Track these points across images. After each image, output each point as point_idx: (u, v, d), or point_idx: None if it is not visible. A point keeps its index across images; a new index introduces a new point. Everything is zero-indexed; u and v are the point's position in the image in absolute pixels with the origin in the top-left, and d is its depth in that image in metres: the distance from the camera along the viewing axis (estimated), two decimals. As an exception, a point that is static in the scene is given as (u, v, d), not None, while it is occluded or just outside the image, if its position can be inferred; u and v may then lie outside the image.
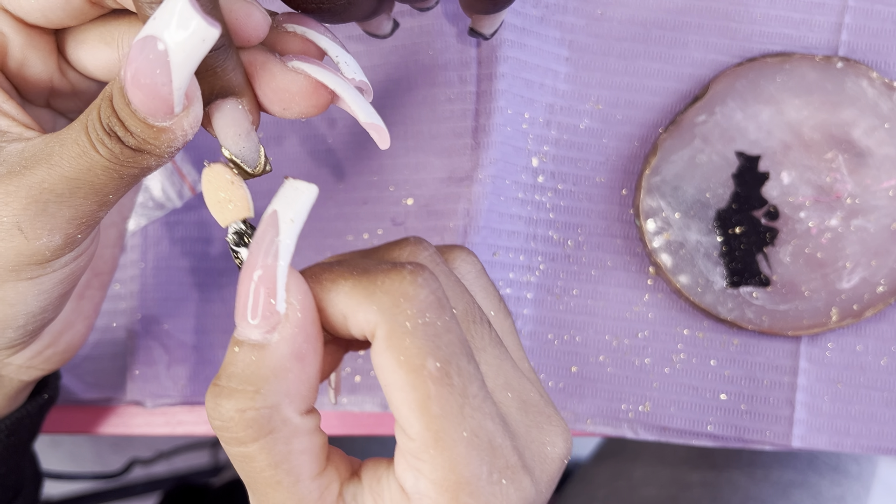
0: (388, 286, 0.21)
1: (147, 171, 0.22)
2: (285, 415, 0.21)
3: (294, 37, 0.23)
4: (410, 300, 0.21)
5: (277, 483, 0.21)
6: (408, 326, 0.21)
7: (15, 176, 0.22)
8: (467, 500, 0.21)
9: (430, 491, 0.21)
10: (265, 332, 0.21)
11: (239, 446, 0.21)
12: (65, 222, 0.22)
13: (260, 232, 0.20)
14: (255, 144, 0.23)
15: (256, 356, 0.21)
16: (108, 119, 0.21)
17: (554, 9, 0.38)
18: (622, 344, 0.39)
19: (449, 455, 0.21)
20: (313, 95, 0.22)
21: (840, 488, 0.54)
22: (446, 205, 0.39)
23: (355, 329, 0.22)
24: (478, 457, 0.21)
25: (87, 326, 0.32)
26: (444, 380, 0.21)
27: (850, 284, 0.37)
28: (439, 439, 0.21)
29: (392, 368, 0.21)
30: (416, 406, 0.21)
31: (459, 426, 0.21)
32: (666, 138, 0.37)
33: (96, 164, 0.21)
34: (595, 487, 0.61)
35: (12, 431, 0.31)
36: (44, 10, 0.23)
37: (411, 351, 0.21)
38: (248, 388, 0.20)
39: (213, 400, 0.21)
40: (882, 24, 0.38)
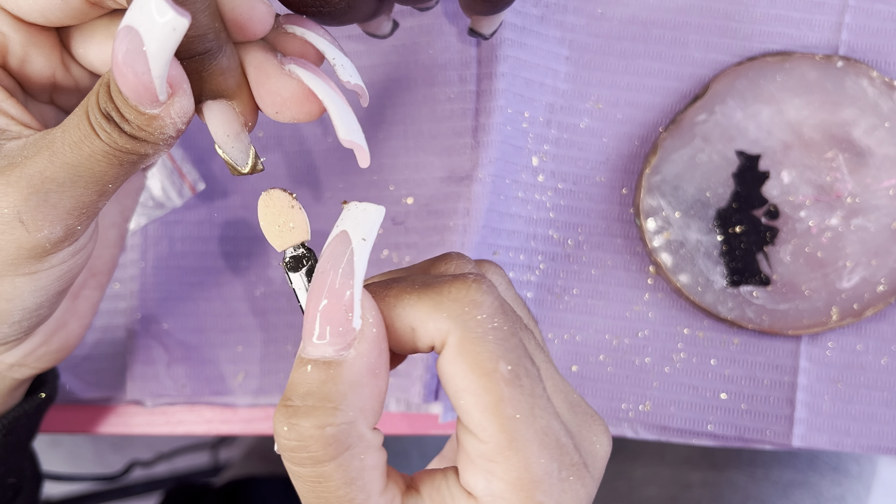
0: (456, 295, 0.22)
1: (145, 158, 0.22)
2: (361, 430, 0.21)
3: (293, 38, 0.23)
4: (479, 307, 0.22)
5: (350, 501, 0.21)
6: (479, 332, 0.22)
7: (16, 167, 0.22)
8: (542, 498, 0.22)
9: (505, 492, 0.22)
10: (340, 349, 0.21)
11: (315, 466, 0.21)
12: (65, 213, 0.22)
13: (330, 251, 0.21)
14: (244, 145, 0.23)
15: (333, 372, 0.21)
16: (105, 105, 0.21)
17: (554, 8, 0.38)
18: (622, 343, 0.39)
19: (523, 455, 0.21)
20: (305, 102, 0.23)
21: (840, 488, 0.54)
22: (446, 204, 0.39)
23: (423, 340, 0.22)
24: (549, 455, 0.22)
25: (82, 326, 0.32)
26: (515, 382, 0.22)
27: (851, 284, 0.37)
28: (513, 440, 0.21)
29: (465, 374, 0.21)
30: (490, 408, 0.21)
31: (531, 427, 0.22)
32: (666, 137, 0.37)
33: (97, 150, 0.21)
34: (595, 487, 0.60)
35: (9, 430, 0.31)
36: (42, 11, 0.23)
37: (483, 355, 0.21)
38: (327, 405, 0.21)
39: (288, 420, 0.21)
40: (882, 23, 0.38)
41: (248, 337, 0.41)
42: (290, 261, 0.23)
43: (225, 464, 1.03)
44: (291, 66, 0.23)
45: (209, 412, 0.42)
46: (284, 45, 0.23)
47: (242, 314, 0.41)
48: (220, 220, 0.41)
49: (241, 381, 0.41)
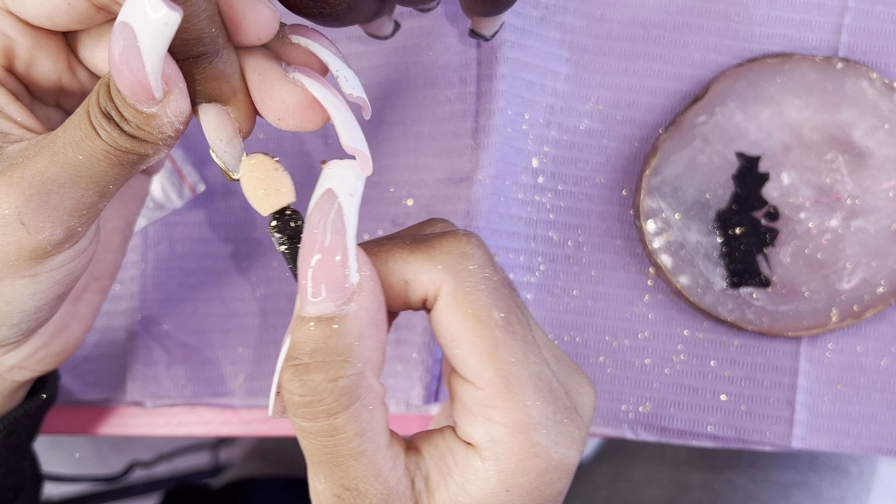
0: (448, 247, 0.23)
1: (145, 159, 0.22)
2: (370, 381, 0.22)
3: (298, 48, 0.24)
4: (470, 258, 0.23)
5: (361, 453, 0.22)
6: (471, 281, 0.22)
7: (17, 167, 0.22)
8: (540, 439, 0.22)
9: (504, 435, 0.22)
10: (341, 303, 0.21)
11: (329, 418, 0.21)
12: (66, 214, 0.22)
13: (318, 209, 0.21)
14: (237, 151, 0.23)
15: (338, 327, 0.21)
16: (105, 104, 0.21)
17: (554, 10, 0.38)
18: (622, 345, 0.39)
19: (520, 398, 0.22)
20: (307, 110, 0.23)
21: (840, 489, 0.54)
22: (446, 205, 0.39)
23: (416, 293, 0.23)
24: (543, 398, 0.23)
25: (83, 330, 0.32)
26: (508, 328, 0.22)
27: (851, 285, 0.37)
28: (510, 383, 0.22)
29: (460, 322, 0.22)
30: (487, 354, 0.22)
31: (525, 370, 0.22)
32: (666, 139, 0.37)
33: (97, 149, 0.22)
34: (595, 488, 0.61)
35: (10, 431, 0.31)
36: (49, 15, 0.23)
37: (477, 304, 0.22)
38: (336, 358, 0.21)
39: (300, 376, 0.21)
40: (882, 24, 0.38)
41: (249, 338, 0.41)
42: (278, 224, 0.23)
43: (225, 465, 1.03)
44: (296, 74, 0.23)
45: (209, 413, 0.42)
46: (289, 55, 0.24)
47: (243, 315, 0.41)
48: (220, 221, 0.41)
49: (241, 382, 0.41)
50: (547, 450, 0.23)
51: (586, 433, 0.24)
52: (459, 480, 0.23)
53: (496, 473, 0.23)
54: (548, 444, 0.23)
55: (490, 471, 0.23)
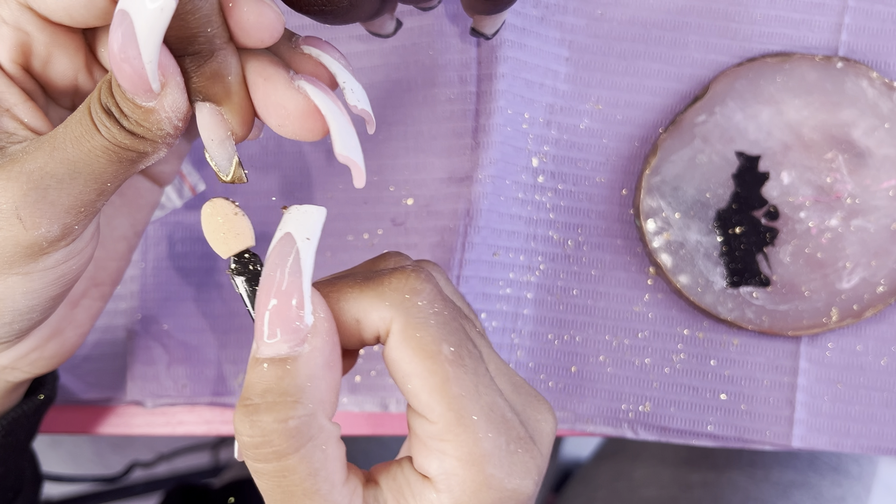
0: (396, 284, 0.23)
1: (144, 157, 0.22)
2: (321, 422, 0.22)
3: (309, 59, 0.24)
4: (419, 293, 0.23)
5: (315, 492, 0.22)
6: (420, 317, 0.23)
7: (16, 162, 0.22)
8: (493, 470, 0.23)
9: (458, 469, 0.23)
10: (294, 344, 0.22)
11: (278, 460, 0.22)
12: (63, 211, 0.22)
13: (276, 252, 0.22)
14: (228, 153, 0.23)
15: (290, 368, 0.22)
16: (106, 100, 0.21)
17: (554, 9, 0.38)
18: (622, 344, 0.39)
19: (472, 431, 0.22)
20: (308, 118, 0.23)
21: (840, 489, 0.54)
22: (446, 205, 0.39)
23: (369, 331, 0.23)
24: (496, 430, 0.23)
25: (80, 335, 0.31)
26: (459, 362, 0.23)
27: (850, 284, 0.37)
28: (461, 417, 0.22)
29: (409, 358, 0.22)
30: (437, 389, 0.22)
31: (477, 403, 0.23)
32: (666, 138, 0.37)
33: (97, 145, 0.22)
34: (595, 488, 0.61)
35: (9, 431, 0.31)
36: (67, 9, 0.23)
37: (426, 339, 0.22)
38: (287, 399, 0.21)
39: (249, 417, 0.21)
40: (882, 24, 0.38)
41: (249, 338, 0.41)
42: (237, 267, 0.24)
43: (225, 464, 1.03)
44: (301, 81, 0.23)
45: (209, 413, 0.42)
46: (299, 64, 0.24)
47: (243, 315, 0.41)
48: (220, 220, 0.41)
49: (241, 381, 0.41)
50: (500, 481, 0.23)
51: (543, 462, 0.24)
52: None
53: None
54: (501, 476, 0.23)
55: (444, 502, 0.23)
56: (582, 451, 0.87)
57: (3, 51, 0.24)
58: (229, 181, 0.24)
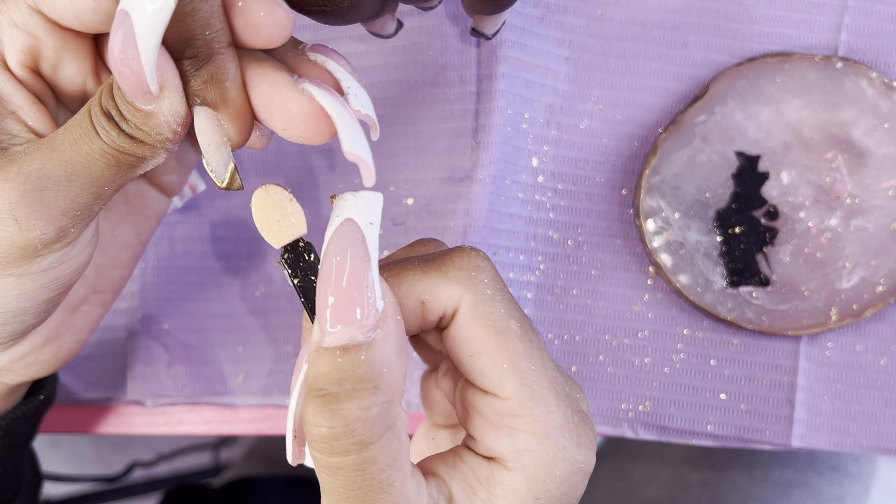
0: (461, 263, 0.23)
1: (142, 161, 0.22)
2: (398, 409, 0.22)
3: (314, 65, 0.24)
4: (483, 271, 0.23)
5: (391, 485, 0.21)
6: (489, 294, 0.23)
7: (14, 163, 0.22)
8: (565, 442, 0.23)
9: (532, 443, 0.23)
10: (368, 330, 0.21)
11: (359, 451, 0.21)
12: (60, 213, 0.22)
13: (339, 238, 0.21)
14: (223, 158, 0.23)
15: (366, 354, 0.21)
16: (106, 103, 0.21)
17: (554, 9, 0.38)
18: (622, 343, 0.39)
19: (544, 405, 0.23)
20: (314, 120, 0.22)
21: (840, 488, 0.54)
22: (446, 204, 0.39)
23: (434, 311, 0.23)
24: (563, 403, 0.23)
25: (78, 342, 0.31)
26: (526, 337, 0.23)
27: (850, 284, 0.37)
28: (534, 391, 0.23)
29: (480, 335, 0.23)
30: (509, 364, 0.23)
31: (545, 377, 0.23)
32: (666, 138, 0.37)
33: (95, 148, 0.22)
34: (595, 487, 0.61)
35: (8, 432, 0.31)
36: (77, 14, 0.23)
37: (495, 315, 0.23)
38: (367, 386, 0.21)
39: (329, 407, 0.21)
40: (882, 24, 0.38)
41: (249, 337, 0.41)
42: (290, 256, 0.23)
43: (226, 464, 1.03)
44: (306, 84, 0.22)
45: (209, 412, 0.42)
46: (304, 70, 0.23)
47: (243, 314, 0.41)
48: (220, 220, 0.41)
49: (241, 381, 0.41)
50: (572, 453, 0.23)
51: (595, 434, 0.24)
52: (485, 497, 0.23)
53: (525, 483, 0.23)
54: (572, 447, 0.23)
55: (518, 481, 0.23)
56: (582, 450, 0.86)
57: (12, 54, 0.24)
58: (224, 188, 0.24)
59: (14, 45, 0.23)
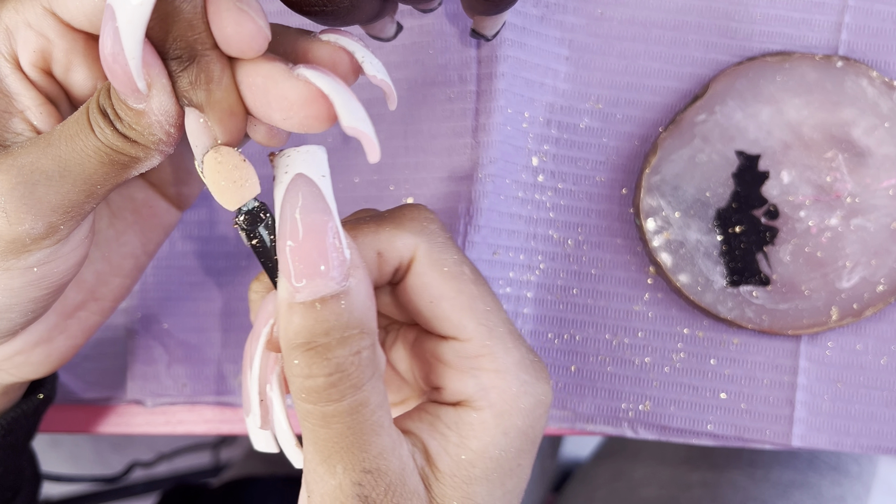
0: (412, 215, 0.25)
1: (135, 162, 0.22)
2: (379, 351, 0.23)
3: (326, 45, 0.24)
4: (433, 221, 0.25)
5: (381, 426, 0.22)
6: (440, 241, 0.24)
7: (8, 156, 0.22)
8: (525, 376, 0.24)
9: (495, 380, 0.24)
10: (341, 280, 0.21)
11: (354, 393, 0.21)
12: (50, 209, 0.22)
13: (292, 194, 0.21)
14: None
15: (346, 303, 0.21)
16: (103, 102, 0.21)
17: (554, 8, 0.38)
18: (622, 343, 0.39)
19: (503, 342, 0.24)
20: (313, 104, 0.22)
21: (840, 488, 0.54)
22: (446, 204, 0.39)
23: (391, 262, 0.24)
24: (518, 341, 0.25)
25: (71, 347, 0.30)
26: (479, 280, 0.24)
27: (850, 283, 0.37)
28: (491, 330, 0.24)
29: (438, 280, 0.24)
30: (467, 307, 0.24)
31: (499, 316, 0.24)
32: (666, 137, 0.37)
33: (89, 145, 0.22)
34: (595, 488, 0.61)
35: (8, 431, 0.31)
36: (88, 16, 0.23)
37: (450, 261, 0.24)
38: (353, 332, 0.21)
39: (324, 357, 0.21)
40: (882, 23, 0.38)
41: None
42: (246, 217, 0.23)
43: (226, 464, 1.03)
44: (300, 69, 0.22)
45: (209, 412, 0.42)
46: (317, 51, 0.23)
47: (243, 314, 0.41)
48: (220, 219, 0.41)
49: (241, 380, 0.41)
50: (532, 386, 0.24)
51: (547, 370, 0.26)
52: (457, 440, 0.24)
53: (492, 419, 0.24)
54: (532, 381, 0.24)
55: (487, 418, 0.24)
56: (582, 450, 0.87)
57: (24, 54, 0.24)
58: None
59: (27, 45, 0.23)
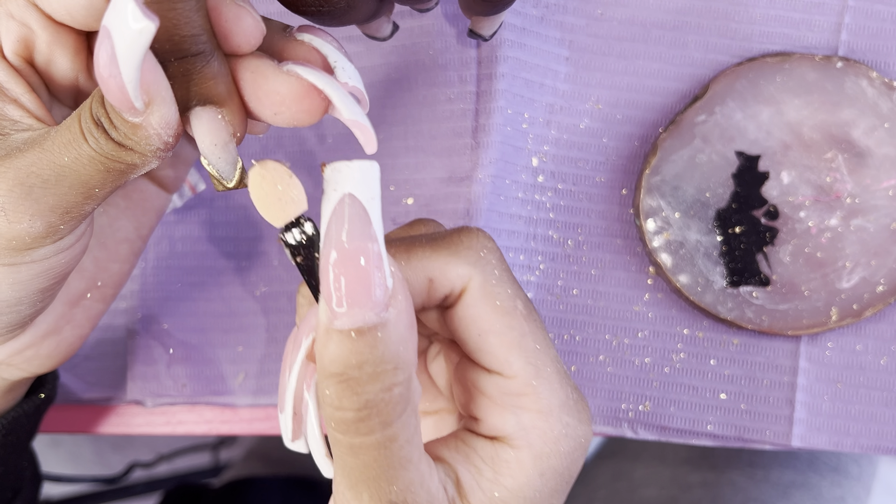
0: (469, 243, 0.24)
1: (132, 168, 0.22)
2: (415, 384, 0.22)
3: (301, 44, 0.23)
4: (491, 252, 0.24)
5: (409, 461, 0.22)
6: (496, 274, 0.23)
7: (6, 158, 0.22)
8: (568, 419, 0.24)
9: (537, 420, 0.23)
10: (380, 310, 0.20)
11: (383, 430, 0.21)
12: (48, 210, 0.22)
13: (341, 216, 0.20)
14: (231, 156, 0.23)
15: (382, 335, 0.20)
16: (97, 111, 0.21)
17: (554, 9, 0.38)
18: (622, 343, 0.39)
19: (548, 383, 0.23)
20: (304, 99, 0.22)
21: (840, 489, 0.54)
22: (446, 204, 0.39)
23: (441, 290, 0.23)
24: (564, 381, 0.24)
25: (78, 336, 0.31)
26: (531, 316, 0.24)
27: (850, 284, 0.37)
28: (539, 369, 0.23)
29: (488, 314, 0.23)
30: (516, 344, 0.23)
31: (548, 355, 0.24)
32: (666, 138, 0.37)
33: (83, 154, 0.21)
34: (595, 488, 0.61)
35: (9, 431, 0.31)
36: (69, 9, 0.23)
37: (503, 295, 0.23)
38: (387, 367, 0.21)
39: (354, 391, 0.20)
40: (882, 24, 0.38)
41: (249, 337, 0.41)
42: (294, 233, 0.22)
43: (226, 464, 1.03)
44: (289, 66, 0.22)
45: (209, 412, 0.42)
46: (292, 51, 0.23)
47: (243, 314, 0.41)
48: (220, 220, 0.41)
49: (241, 381, 0.41)
50: (574, 429, 0.24)
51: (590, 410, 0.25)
52: (491, 476, 0.23)
53: (531, 459, 0.23)
54: (575, 423, 0.24)
55: (524, 458, 0.23)
56: (582, 451, 0.86)
57: (8, 44, 0.24)
58: (233, 187, 0.23)
59: (10, 35, 0.24)
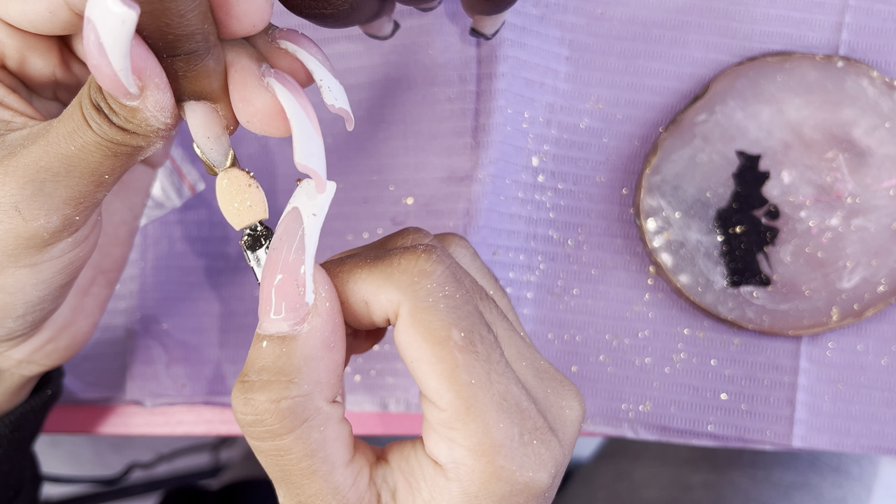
0: (405, 266, 0.22)
1: (139, 151, 0.22)
2: (317, 403, 0.22)
3: (285, 54, 0.23)
4: (428, 276, 0.22)
5: (313, 473, 0.22)
6: (429, 301, 0.22)
7: (12, 157, 0.22)
8: (503, 462, 0.22)
9: (467, 458, 0.22)
10: (294, 323, 0.21)
11: (273, 439, 0.21)
12: (62, 203, 0.22)
13: (283, 228, 0.22)
14: (224, 148, 0.23)
15: (287, 347, 0.21)
16: (95, 97, 0.21)
17: (554, 8, 0.38)
18: (622, 343, 0.39)
19: (482, 420, 0.22)
20: (274, 118, 0.22)
21: (841, 490, 0.54)
22: (446, 204, 0.39)
23: (378, 313, 0.23)
24: (508, 420, 0.22)
25: (91, 324, 0.32)
26: (469, 348, 0.22)
27: (851, 284, 0.37)
28: (470, 406, 0.22)
29: (418, 343, 0.22)
30: (445, 376, 0.22)
31: (488, 392, 0.22)
32: (666, 137, 0.37)
33: (89, 141, 0.21)
34: (596, 489, 0.60)
35: (16, 427, 0.32)
36: (32, 22, 0.23)
37: (435, 324, 0.22)
38: (281, 379, 0.21)
39: (244, 395, 0.21)
40: (882, 23, 0.38)
41: (248, 337, 0.41)
42: (248, 239, 0.24)
43: (225, 465, 1.03)
44: (271, 79, 0.22)
45: (209, 412, 0.42)
46: (276, 60, 0.23)
47: (242, 314, 0.41)
48: (219, 220, 0.41)
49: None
50: (512, 473, 0.22)
51: (562, 453, 0.23)
52: (427, 497, 0.23)
53: (460, 495, 0.22)
54: (512, 468, 0.22)
55: (454, 491, 0.22)
56: (582, 451, 0.87)
57: None
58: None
59: None
